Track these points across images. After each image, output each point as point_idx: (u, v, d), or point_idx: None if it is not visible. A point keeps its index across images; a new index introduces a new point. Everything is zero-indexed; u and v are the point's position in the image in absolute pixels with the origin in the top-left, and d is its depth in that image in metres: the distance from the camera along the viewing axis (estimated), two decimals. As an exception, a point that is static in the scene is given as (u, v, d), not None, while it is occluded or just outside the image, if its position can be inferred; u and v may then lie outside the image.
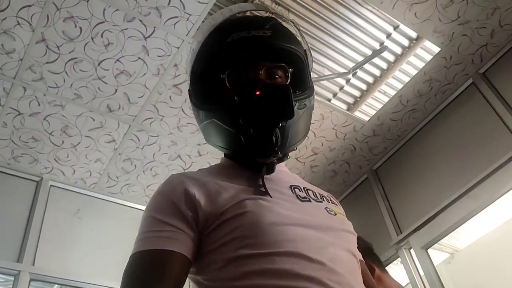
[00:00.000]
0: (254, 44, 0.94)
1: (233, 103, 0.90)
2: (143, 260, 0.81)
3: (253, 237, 0.81)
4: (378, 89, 2.95)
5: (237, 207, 0.84)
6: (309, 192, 0.98)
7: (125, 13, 2.29)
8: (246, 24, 0.96)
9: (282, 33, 0.99)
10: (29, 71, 2.46)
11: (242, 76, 0.94)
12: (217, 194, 0.86)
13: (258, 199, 0.86)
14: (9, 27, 2.26)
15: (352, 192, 3.54)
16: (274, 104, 0.90)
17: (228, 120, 0.92)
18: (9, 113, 2.64)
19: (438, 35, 2.62)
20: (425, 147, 3.08)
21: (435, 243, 2.85)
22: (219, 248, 0.82)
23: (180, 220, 0.83)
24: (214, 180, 0.91)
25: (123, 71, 2.52)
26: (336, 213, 0.95)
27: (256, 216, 0.82)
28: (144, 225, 0.87)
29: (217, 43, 0.96)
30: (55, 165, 2.98)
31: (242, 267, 0.79)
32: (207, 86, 0.99)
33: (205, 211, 0.84)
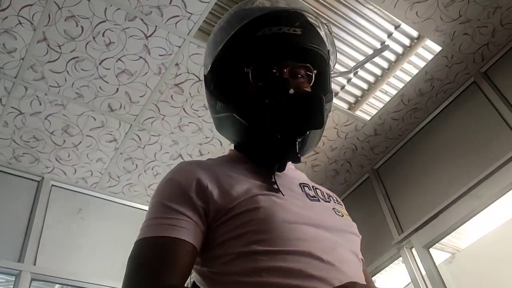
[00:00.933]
0: (284, 41, 0.93)
1: (261, 102, 0.89)
2: (151, 247, 0.79)
3: (265, 233, 0.80)
4: (380, 88, 2.95)
5: (250, 202, 0.83)
6: (318, 191, 0.97)
7: (126, 12, 2.29)
8: (277, 19, 0.94)
9: (311, 32, 0.98)
10: (30, 70, 2.46)
11: (266, 72, 0.93)
12: (229, 187, 0.85)
13: (271, 195, 0.86)
14: (10, 26, 2.26)
15: (353, 191, 3.53)
16: (306, 112, 0.89)
17: (252, 119, 0.90)
18: (10, 113, 2.64)
19: (439, 34, 2.62)
20: (426, 146, 3.08)
21: (436, 243, 2.85)
22: (229, 241, 0.81)
23: (190, 209, 0.82)
24: (226, 171, 0.90)
25: (125, 70, 2.52)
26: (343, 214, 0.95)
27: (269, 212, 0.82)
28: (152, 211, 0.85)
29: (246, 34, 0.94)
30: (56, 165, 2.97)
31: (252, 262, 0.78)
32: (228, 76, 0.97)
33: (217, 203, 0.83)
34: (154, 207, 0.85)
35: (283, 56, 0.94)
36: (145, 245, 0.80)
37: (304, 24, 0.96)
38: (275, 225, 0.80)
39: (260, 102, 0.89)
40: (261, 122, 0.89)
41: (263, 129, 0.89)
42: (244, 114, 0.91)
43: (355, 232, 0.94)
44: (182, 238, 0.79)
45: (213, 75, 0.99)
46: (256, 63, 0.93)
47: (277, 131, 0.88)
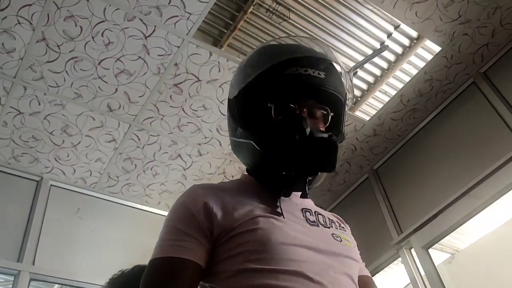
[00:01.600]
0: (307, 82, 0.98)
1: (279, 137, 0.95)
2: (160, 267, 0.88)
3: (261, 253, 0.86)
4: (379, 89, 2.95)
5: (250, 223, 0.90)
6: (319, 216, 1.04)
7: (125, 12, 2.29)
8: (305, 62, 1.00)
9: (333, 77, 1.03)
10: (29, 70, 2.46)
11: (287, 108, 0.99)
12: (233, 209, 0.92)
13: (271, 218, 0.92)
14: (9, 26, 2.26)
15: (352, 191, 3.53)
16: (321, 155, 0.95)
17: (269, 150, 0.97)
18: (9, 112, 2.64)
19: (439, 35, 2.62)
20: (425, 146, 3.08)
21: (436, 243, 2.85)
22: (229, 259, 0.88)
23: (197, 230, 0.90)
24: (232, 195, 0.97)
25: (124, 70, 2.52)
26: (342, 239, 1.00)
27: (266, 234, 0.88)
28: (164, 233, 0.93)
29: (275, 72, 1.00)
30: (55, 165, 2.97)
31: (248, 279, 0.84)
32: (252, 105, 1.03)
33: (220, 223, 0.90)
34: (166, 229, 0.94)
35: (305, 95, 1.00)
36: (154, 265, 0.89)
37: (328, 69, 1.02)
38: (271, 246, 0.87)
39: (278, 136, 0.96)
40: (277, 156, 0.96)
41: (278, 163, 0.96)
42: (262, 144, 0.98)
43: (353, 257, 0.99)
44: (188, 258, 0.87)
45: (238, 100, 1.05)
46: (279, 99, 1.00)
47: (291, 169, 0.95)
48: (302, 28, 2.56)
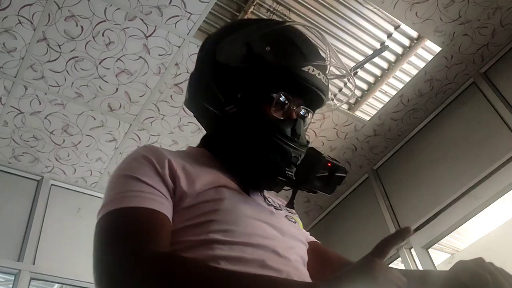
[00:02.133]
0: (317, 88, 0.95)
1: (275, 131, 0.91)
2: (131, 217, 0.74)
3: (227, 224, 0.80)
4: (379, 89, 2.95)
5: (215, 192, 0.84)
6: (270, 199, 1.00)
7: (126, 12, 2.29)
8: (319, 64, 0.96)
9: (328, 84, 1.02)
10: (30, 70, 2.46)
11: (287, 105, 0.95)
12: (196, 175, 0.84)
13: (236, 190, 0.88)
14: (10, 26, 2.27)
15: (353, 191, 3.53)
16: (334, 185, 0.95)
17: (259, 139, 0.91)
18: (10, 112, 2.64)
19: (439, 35, 2.62)
20: (426, 146, 3.08)
21: (435, 243, 2.85)
22: (189, 228, 0.79)
23: (163, 186, 0.80)
24: (194, 162, 0.89)
25: (124, 70, 2.53)
26: (295, 221, 0.99)
27: (233, 205, 0.83)
28: (122, 184, 0.80)
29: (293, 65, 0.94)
30: (56, 164, 2.98)
31: (210, 250, 0.76)
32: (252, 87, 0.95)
33: (182, 188, 0.81)
34: (125, 180, 0.80)
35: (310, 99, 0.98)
36: (121, 216, 0.75)
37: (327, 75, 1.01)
38: (237, 217, 0.82)
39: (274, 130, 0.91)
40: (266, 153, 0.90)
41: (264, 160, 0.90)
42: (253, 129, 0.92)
43: (303, 241, 0.97)
44: (161, 211, 0.76)
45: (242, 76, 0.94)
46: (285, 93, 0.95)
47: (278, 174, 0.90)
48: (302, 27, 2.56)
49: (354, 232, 3.30)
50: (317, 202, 3.61)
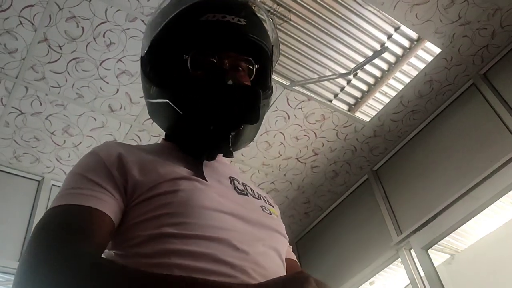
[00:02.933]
0: (227, 30, 0.89)
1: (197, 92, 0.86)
2: (62, 215, 0.73)
3: (181, 217, 0.76)
4: (379, 90, 2.96)
5: (171, 184, 0.80)
6: (247, 187, 0.95)
7: (127, 13, 2.30)
8: (223, 6, 0.90)
9: (256, 24, 0.95)
10: (31, 70, 2.47)
11: (206, 60, 0.89)
12: (152, 168, 0.82)
13: (194, 181, 0.83)
14: (11, 27, 2.28)
15: (352, 192, 3.54)
16: (242, 106, 0.86)
17: (187, 108, 0.87)
18: (11, 113, 2.65)
19: (439, 36, 2.63)
20: (425, 147, 3.09)
21: (435, 244, 2.86)
22: (142, 223, 0.77)
23: (110, 183, 0.77)
24: (152, 155, 0.87)
25: (125, 71, 2.53)
26: (271, 212, 0.92)
27: (188, 196, 0.79)
28: (69, 182, 0.79)
29: (189, 18, 0.89)
30: (57, 165, 2.98)
31: (162, 245, 0.74)
32: (165, 60, 0.92)
33: (135, 179, 0.79)
34: (72, 177, 0.80)
35: (225, 46, 0.90)
36: (56, 213, 0.73)
37: (250, 15, 0.93)
38: (192, 209, 0.77)
39: (196, 91, 0.86)
40: (195, 112, 0.86)
41: (196, 120, 0.87)
42: (179, 102, 0.87)
43: (281, 232, 0.91)
44: (99, 208, 0.73)
45: (150, 57, 0.94)
46: (196, 50, 0.89)
47: (210, 123, 0.86)
48: (303, 29, 2.57)
49: (354, 233, 3.31)
50: (317, 203, 3.62)
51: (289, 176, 3.35)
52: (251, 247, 0.78)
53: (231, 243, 0.76)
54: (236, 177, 0.94)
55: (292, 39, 2.62)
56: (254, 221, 0.84)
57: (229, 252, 0.75)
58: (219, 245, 0.75)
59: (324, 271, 3.41)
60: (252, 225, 0.83)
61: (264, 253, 0.80)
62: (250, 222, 0.83)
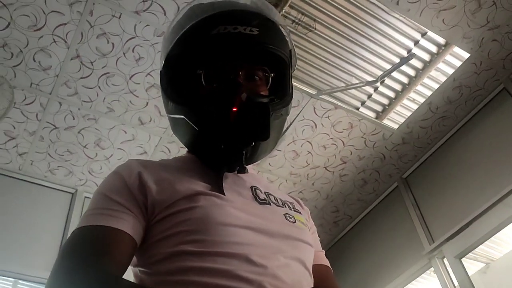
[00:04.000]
0: (239, 42, 0.88)
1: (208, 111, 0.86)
2: (85, 235, 0.77)
3: (198, 234, 0.77)
4: (407, 97, 2.93)
5: (188, 201, 0.81)
6: (271, 196, 0.93)
7: (155, 28, 2.35)
8: (234, 17, 0.90)
9: (270, 32, 0.93)
10: (64, 86, 2.55)
11: (220, 74, 0.89)
12: (170, 185, 0.83)
13: (213, 196, 0.83)
14: (45, 45, 2.36)
15: (382, 201, 3.50)
16: (251, 123, 0.85)
17: (200, 126, 0.87)
18: (45, 127, 2.74)
19: (467, 41, 2.59)
20: (456, 153, 3.03)
21: (469, 252, 2.79)
22: (162, 241, 0.79)
23: (131, 202, 0.80)
24: (172, 171, 0.88)
25: (154, 85, 2.59)
26: (296, 220, 0.90)
27: (205, 213, 0.79)
28: (93, 202, 0.83)
29: (200, 32, 0.89)
30: (89, 177, 3.06)
31: (181, 262, 0.75)
32: (180, 75, 0.93)
33: (155, 199, 0.81)
34: (96, 198, 0.83)
35: (238, 57, 0.90)
36: (79, 234, 0.77)
37: (262, 23, 0.91)
38: (208, 226, 0.78)
39: (208, 107, 0.86)
40: (208, 129, 0.87)
41: (208, 137, 0.87)
42: (194, 118, 0.88)
43: (306, 240, 0.89)
44: (119, 228, 0.76)
45: (166, 72, 0.95)
46: (209, 64, 0.89)
47: (221, 142, 0.86)
48: (328, 38, 2.58)
49: (384, 241, 3.27)
50: (346, 212, 3.59)
51: (318, 185, 3.34)
52: (270, 260, 0.77)
53: (248, 258, 0.75)
54: (258, 186, 0.93)
55: (318, 48, 2.62)
56: (275, 233, 0.83)
57: (247, 267, 0.75)
58: (236, 261, 0.75)
59: (355, 281, 3.37)
60: (272, 237, 0.82)
61: (285, 265, 0.79)
62: (270, 234, 0.82)
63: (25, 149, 2.84)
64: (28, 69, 2.45)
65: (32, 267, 2.66)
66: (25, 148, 2.83)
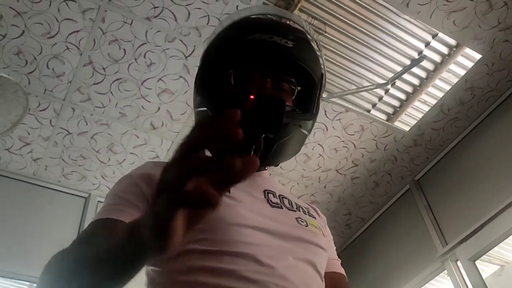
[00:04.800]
0: (272, 50, 0.90)
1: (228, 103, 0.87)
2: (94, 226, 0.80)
3: (206, 233, 0.78)
4: (418, 98, 2.92)
5: None
6: (284, 200, 0.94)
7: (166, 34, 2.38)
8: (271, 28, 0.93)
9: (304, 49, 0.95)
10: (77, 92, 2.59)
11: (249, 78, 0.91)
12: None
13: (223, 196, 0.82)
14: (59, 52, 2.40)
15: (394, 203, 3.49)
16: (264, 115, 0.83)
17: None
18: (59, 133, 2.78)
19: (478, 42, 2.58)
20: (469, 155, 3.01)
21: (483, 255, 2.77)
22: None
23: (136, 196, 0.82)
24: None
25: (165, 90, 2.61)
26: (308, 224, 0.90)
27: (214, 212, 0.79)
28: (105, 201, 0.87)
29: (237, 36, 0.93)
30: (102, 182, 3.09)
31: (188, 261, 0.76)
32: (213, 74, 0.96)
33: None
34: (107, 197, 0.87)
35: (269, 65, 0.91)
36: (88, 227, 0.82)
37: (299, 40, 0.93)
38: (216, 225, 0.78)
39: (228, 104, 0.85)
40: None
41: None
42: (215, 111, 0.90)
43: (319, 243, 0.89)
44: (119, 219, 0.78)
45: (200, 69, 0.98)
46: (240, 67, 0.92)
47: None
48: (338, 40, 2.58)
49: (397, 244, 3.25)
50: (359, 214, 3.58)
51: (329, 188, 3.33)
52: (279, 261, 0.77)
53: (255, 258, 0.76)
54: (271, 190, 0.94)
55: (328, 51, 2.63)
56: (285, 234, 0.83)
57: (253, 267, 0.75)
58: (243, 261, 0.75)
59: (367, 284, 3.36)
60: (281, 238, 0.82)
61: (294, 266, 0.79)
62: (280, 235, 0.82)
63: (40, 154, 2.88)
64: (42, 76, 2.49)
65: (47, 271, 2.69)
66: (40, 154, 2.87)
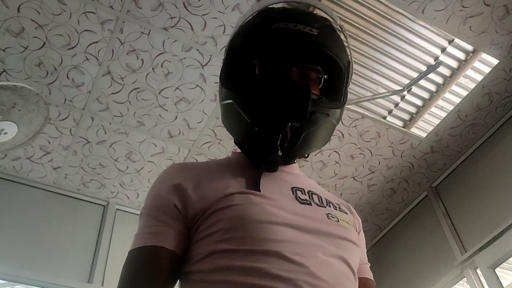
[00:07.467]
0: (297, 39, 0.89)
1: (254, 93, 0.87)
2: (135, 259, 0.82)
3: (234, 232, 0.78)
4: (435, 104, 2.90)
5: (226, 200, 0.81)
6: (314, 196, 0.91)
7: (183, 44, 2.41)
8: (295, 16, 0.91)
9: (329, 37, 0.93)
10: (96, 102, 2.63)
11: (274, 68, 0.90)
12: (209, 188, 0.84)
13: (249, 194, 0.82)
14: (78, 63, 2.45)
15: (412, 210, 3.46)
16: (289, 102, 0.84)
17: (244, 109, 0.87)
18: (78, 142, 2.83)
19: (495, 47, 2.56)
20: (488, 161, 2.98)
21: (503, 262, 2.73)
22: (201, 241, 0.80)
23: (168, 214, 0.83)
24: (213, 173, 0.89)
25: (183, 99, 2.64)
26: (339, 220, 0.87)
27: (240, 210, 0.79)
28: (139, 222, 0.87)
29: (261, 26, 0.92)
30: (120, 190, 3.13)
31: (217, 261, 0.77)
32: (238, 65, 0.94)
33: (195, 204, 0.82)
34: (141, 218, 0.88)
35: (294, 54, 0.90)
36: (131, 257, 0.84)
37: (324, 27, 0.92)
38: (243, 223, 0.78)
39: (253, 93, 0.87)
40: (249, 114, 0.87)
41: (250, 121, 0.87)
42: (240, 104, 0.89)
43: (351, 239, 0.86)
44: (161, 245, 0.80)
45: (225, 61, 0.97)
46: (265, 57, 0.91)
47: (256, 123, 0.85)
48: (354, 47, 2.59)
49: (415, 251, 3.22)
50: (375, 222, 3.56)
51: (346, 195, 3.33)
52: (308, 258, 0.76)
53: (283, 255, 0.74)
54: (300, 187, 0.91)
55: (343, 59, 2.63)
56: (314, 230, 0.81)
57: (281, 265, 0.73)
58: (270, 258, 0.74)
59: (386, 292, 3.33)
60: (310, 233, 0.80)
61: (325, 263, 0.77)
62: (309, 231, 0.80)
63: (60, 163, 2.93)
64: (62, 86, 2.54)
65: (66, 278, 2.73)
66: (60, 162, 2.93)
